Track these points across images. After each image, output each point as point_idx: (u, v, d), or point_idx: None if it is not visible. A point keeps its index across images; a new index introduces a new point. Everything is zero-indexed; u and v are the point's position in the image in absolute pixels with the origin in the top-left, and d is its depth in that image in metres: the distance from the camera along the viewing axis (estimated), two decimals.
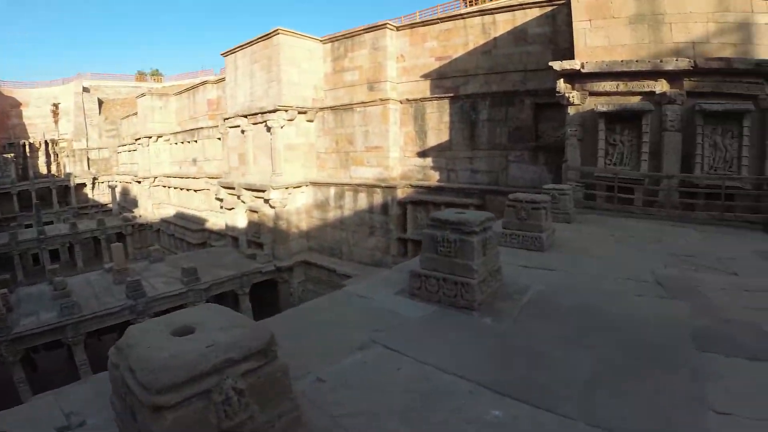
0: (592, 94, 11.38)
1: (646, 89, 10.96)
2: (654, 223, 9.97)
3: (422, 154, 15.98)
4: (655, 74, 10.85)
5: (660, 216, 10.39)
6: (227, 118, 20.74)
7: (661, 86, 10.85)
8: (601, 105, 11.01)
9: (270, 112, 17.73)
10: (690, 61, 10.44)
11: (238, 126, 19.88)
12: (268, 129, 18.10)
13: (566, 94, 11.45)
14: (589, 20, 11.90)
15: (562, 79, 11.59)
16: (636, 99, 11.05)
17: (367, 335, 4.08)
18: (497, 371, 3.54)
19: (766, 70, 10.26)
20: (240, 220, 20.52)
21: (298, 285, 18.73)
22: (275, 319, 4.96)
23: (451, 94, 15.22)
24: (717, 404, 3.06)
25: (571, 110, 11.54)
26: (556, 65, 11.30)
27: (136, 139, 32.62)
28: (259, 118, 18.52)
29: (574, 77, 11.50)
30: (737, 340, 4.09)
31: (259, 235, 19.45)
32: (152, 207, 32.22)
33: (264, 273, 18.43)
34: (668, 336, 4.20)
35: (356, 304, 5.04)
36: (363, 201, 16.48)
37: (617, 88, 11.13)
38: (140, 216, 34.47)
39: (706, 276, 6.23)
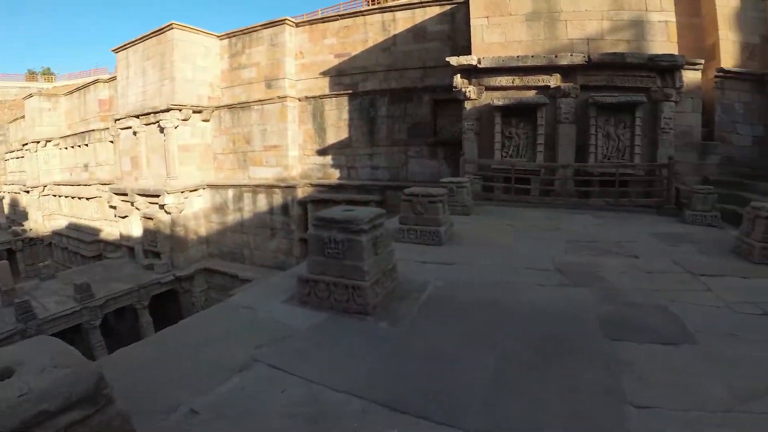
0: (489, 88, 11.17)
1: (542, 83, 10.87)
2: (552, 212, 9.86)
3: (322, 152, 15.35)
4: (550, 69, 10.78)
5: (557, 204, 10.29)
6: (119, 119, 19.03)
7: (555, 80, 10.79)
8: (498, 99, 10.81)
9: (163, 111, 16.44)
10: (584, 56, 10.45)
11: (130, 127, 18.26)
12: (162, 130, 16.77)
13: (463, 89, 11.17)
14: (487, 17, 11.73)
15: (459, 75, 11.30)
16: (531, 93, 10.94)
17: (249, 353, 3.35)
18: (394, 384, 2.96)
19: (657, 65, 10.43)
20: (135, 228, 18.87)
21: (200, 294, 17.46)
22: (145, 342, 4.15)
23: (350, 91, 14.71)
24: (636, 398, 2.72)
25: (467, 105, 11.26)
26: (453, 60, 10.99)
27: (23, 145, 29.70)
28: (152, 119, 17.14)
29: (470, 72, 11.25)
30: (646, 324, 3.86)
31: (156, 244, 17.94)
32: (43, 219, 29.37)
33: (163, 284, 17.00)
34: (575, 326, 3.89)
35: (240, 316, 4.26)
36: (263, 202, 15.58)
37: (513, 82, 10.97)
38: (30, 229, 31.37)
39: (606, 260, 6.06)
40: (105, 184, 22.02)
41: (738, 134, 12.12)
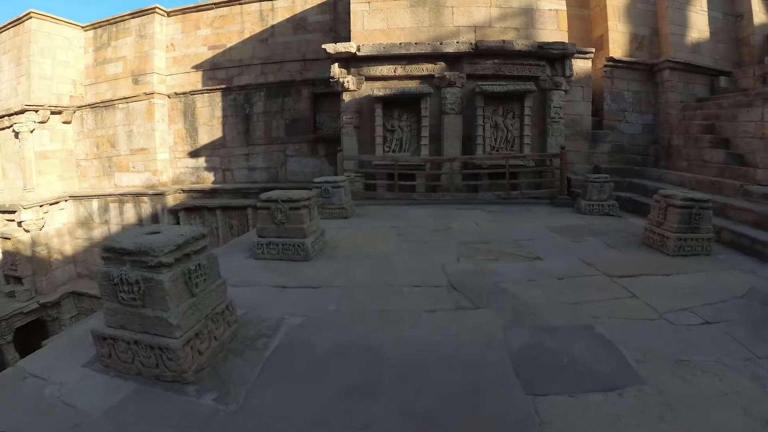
0: (369, 78, 9.86)
1: (426, 73, 9.71)
2: (440, 209, 8.71)
3: (194, 153, 13.48)
4: (435, 57, 9.65)
5: (445, 201, 9.19)
6: None
7: (440, 69, 9.68)
8: (378, 90, 9.51)
9: (18, 113, 13.93)
10: (471, 44, 9.41)
11: None
12: (17, 135, 14.32)
13: (341, 80, 9.79)
14: (368, 2, 10.41)
15: (336, 64, 9.92)
16: (415, 83, 9.74)
17: None
18: None
19: (548, 53, 9.60)
20: None
21: (69, 321, 14.98)
22: None
23: (224, 86, 12.97)
24: None
25: (346, 96, 9.90)
26: (330, 48, 9.58)
27: None
28: (6, 122, 14.48)
29: (350, 61, 9.90)
30: (574, 358, 2.92)
31: (16, 267, 15.25)
32: None
33: (26, 313, 14.22)
34: (481, 376, 2.77)
35: (22, 395, 2.69)
36: (131, 213, 13.44)
37: (395, 72, 9.73)
38: None
39: (508, 266, 5.07)
40: None
41: (627, 122, 11.51)
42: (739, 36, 12.81)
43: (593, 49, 10.88)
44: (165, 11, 13.74)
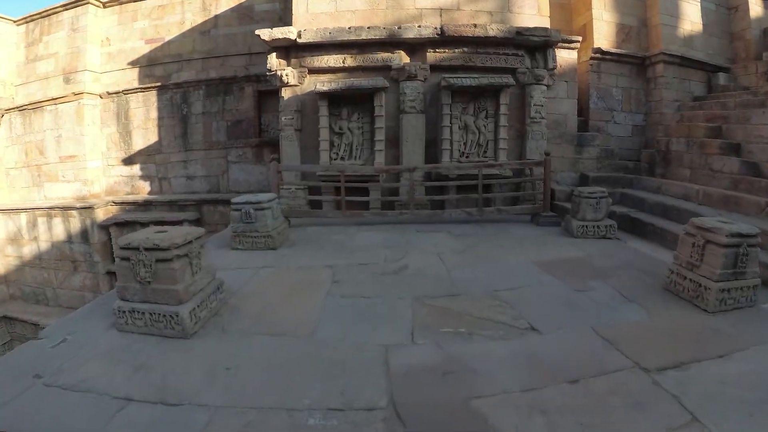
0: (313, 71, 7.85)
1: (381, 63, 7.72)
2: (397, 232, 6.71)
3: (128, 160, 11.33)
4: (392, 45, 7.67)
5: (404, 220, 7.18)
6: None
7: (399, 59, 7.70)
8: (323, 84, 7.52)
9: None
10: (436, 29, 7.43)
11: None
12: None
13: (279, 72, 7.77)
14: None
15: (275, 54, 7.91)
16: (368, 76, 7.77)
17: None
18: None
19: (528, 40, 7.70)
20: None
21: (2, 349, 12.90)
22: None
23: (158, 84, 10.91)
24: None
25: (286, 93, 7.88)
26: (265, 34, 7.56)
27: None
28: None
29: (290, 51, 7.89)
30: None
31: None
32: None
33: None
34: None
35: None
36: (60, 228, 11.24)
37: (344, 62, 7.73)
38: None
39: (489, 351, 3.13)
40: None
41: (615, 123, 9.63)
42: (734, 30, 11.07)
43: (580, 38, 8.99)
44: (100, 2, 11.61)
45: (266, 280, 4.80)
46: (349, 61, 7.69)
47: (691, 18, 10.40)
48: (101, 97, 11.29)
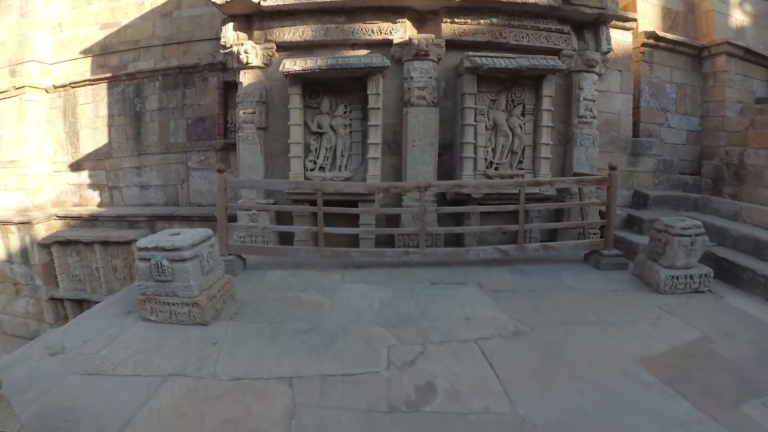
0: (284, 47, 4.87)
1: (378, 36, 4.75)
2: (399, 284, 3.78)
3: (76, 166, 8.20)
4: (393, 11, 4.71)
5: (409, 263, 4.17)
6: None
7: (403, 30, 4.75)
8: (294, 62, 4.57)
9: None
10: None
11: None
12: None
13: (236, 49, 4.79)
14: None
15: (231, 24, 4.98)
16: (361, 52, 4.85)
17: None
18: None
19: (576, 12, 4.84)
20: None
21: None
22: None
23: (109, 75, 7.79)
24: None
25: (245, 77, 4.86)
26: None
27: None
28: None
29: (252, 20, 4.91)
30: None
31: None
32: None
33: None
34: None
35: None
36: None
37: (326, 34, 4.74)
38: None
39: None
40: None
41: (669, 127, 6.70)
42: None
43: (637, 16, 6.10)
44: None
45: (164, 419, 1.91)
46: (334, 33, 4.74)
47: (743, 7, 7.60)
48: (47, 92, 8.28)
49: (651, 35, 6.32)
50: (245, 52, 4.70)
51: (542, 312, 3.33)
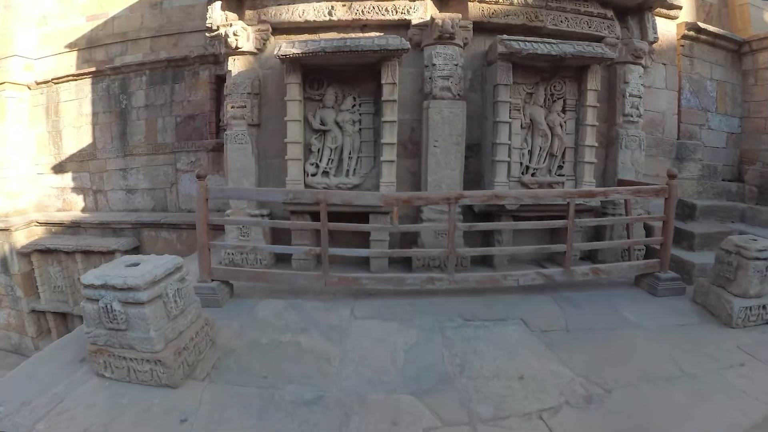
0: (281, 29, 3.92)
1: (393, 16, 3.78)
2: (424, 321, 2.78)
3: (59, 168, 7.22)
4: None
5: (434, 291, 3.23)
6: None
7: (423, 9, 3.79)
8: (292, 44, 3.64)
9: None
10: None
11: None
12: None
13: (224, 31, 3.86)
14: None
15: (218, 3, 4.06)
16: (373, 35, 3.90)
17: None
18: None
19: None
20: None
21: None
22: None
23: (93, 69, 6.83)
24: None
25: (235, 64, 3.88)
26: None
27: None
28: None
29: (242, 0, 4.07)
30: None
31: None
32: None
33: None
34: None
35: None
36: None
37: (331, 13, 3.78)
38: None
39: None
40: None
41: (710, 129, 5.82)
42: None
43: (682, 4, 5.19)
44: None
45: None
46: (341, 11, 3.82)
47: None
48: (29, 89, 7.33)
49: (692, 27, 5.43)
50: (234, 34, 3.77)
51: (611, 363, 2.45)
